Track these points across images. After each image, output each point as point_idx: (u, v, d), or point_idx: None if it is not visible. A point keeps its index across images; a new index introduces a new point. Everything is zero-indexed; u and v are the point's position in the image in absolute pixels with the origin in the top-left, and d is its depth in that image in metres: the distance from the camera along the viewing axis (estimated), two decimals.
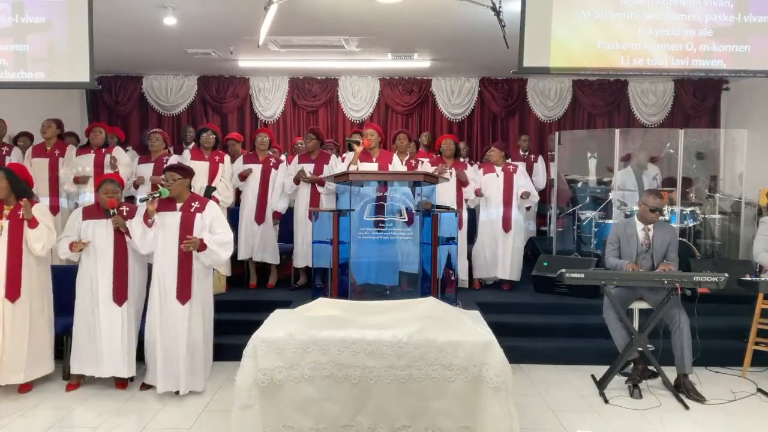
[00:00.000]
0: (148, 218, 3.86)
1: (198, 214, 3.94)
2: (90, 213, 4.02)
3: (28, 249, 3.92)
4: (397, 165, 5.29)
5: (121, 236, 3.95)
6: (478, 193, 5.78)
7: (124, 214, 3.99)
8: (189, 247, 3.83)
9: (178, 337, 3.85)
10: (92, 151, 5.54)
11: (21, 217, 3.90)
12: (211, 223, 3.94)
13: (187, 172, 4.07)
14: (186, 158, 5.49)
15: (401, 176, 4.60)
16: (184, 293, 3.87)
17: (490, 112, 8.28)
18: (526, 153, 7.28)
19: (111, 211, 3.90)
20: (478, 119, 8.27)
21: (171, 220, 3.92)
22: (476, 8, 4.47)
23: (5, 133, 5.74)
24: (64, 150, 5.59)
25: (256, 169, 5.65)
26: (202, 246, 3.84)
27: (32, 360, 3.91)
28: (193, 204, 3.98)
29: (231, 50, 6.73)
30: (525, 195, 5.72)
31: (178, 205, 3.97)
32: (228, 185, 5.51)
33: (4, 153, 5.56)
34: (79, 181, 5.44)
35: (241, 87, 8.17)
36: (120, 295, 3.92)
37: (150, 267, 4.07)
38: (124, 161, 5.55)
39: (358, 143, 4.91)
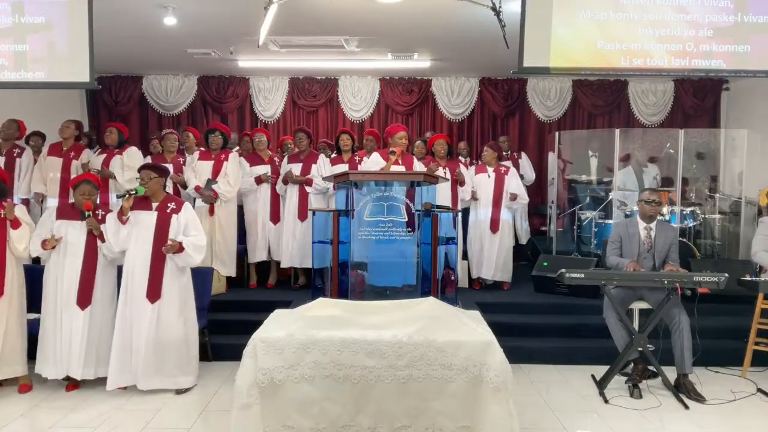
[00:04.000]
0: (122, 215, 3.87)
1: (174, 215, 3.95)
2: (64, 212, 4.00)
3: (11, 249, 3.91)
4: (418, 167, 5.26)
5: (93, 239, 3.94)
6: (474, 195, 5.76)
7: (99, 216, 3.98)
8: (169, 251, 3.84)
9: (141, 334, 3.84)
10: (105, 151, 5.54)
11: (2, 216, 3.89)
12: (186, 225, 3.96)
13: (163, 171, 4.10)
14: (194, 158, 5.54)
15: (401, 176, 4.60)
16: (153, 292, 3.88)
17: (490, 112, 8.27)
18: (508, 152, 7.29)
19: (86, 213, 3.89)
20: (478, 119, 8.26)
21: (146, 218, 3.94)
22: (476, 8, 4.47)
23: (18, 135, 5.68)
24: (79, 152, 5.56)
25: (266, 170, 5.70)
26: (179, 249, 3.86)
27: (6, 359, 3.89)
28: (169, 204, 3.99)
29: (231, 50, 6.73)
30: (513, 197, 5.72)
31: (154, 205, 3.98)
32: (231, 181, 5.47)
33: (15, 155, 5.52)
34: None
35: (241, 87, 8.16)
36: (84, 298, 3.90)
37: (120, 267, 4.06)
38: (131, 163, 5.45)
39: (394, 153, 4.87)
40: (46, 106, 6.62)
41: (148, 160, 5.68)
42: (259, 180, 5.63)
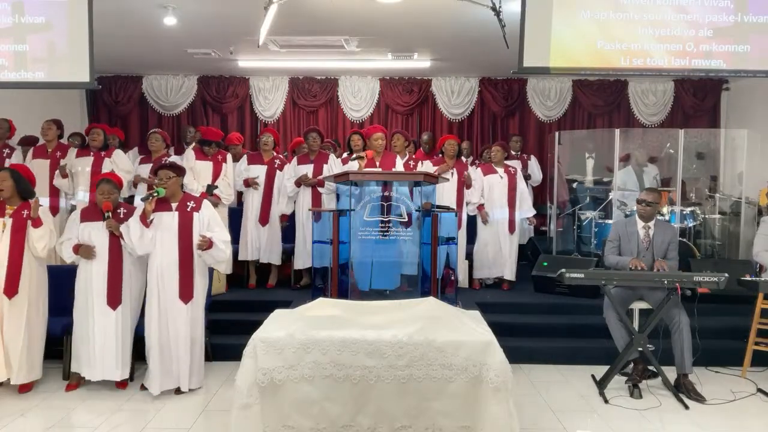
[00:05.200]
0: (146, 218, 3.84)
1: (195, 214, 3.94)
2: (87, 215, 4.01)
3: (30, 249, 3.93)
4: (399, 167, 5.28)
5: (116, 239, 3.93)
6: (483, 217, 5.76)
7: (121, 216, 3.97)
8: (202, 247, 3.84)
9: (179, 335, 3.85)
10: (91, 153, 5.42)
11: (25, 216, 3.91)
12: (208, 221, 3.96)
13: (180, 170, 4.06)
14: (190, 158, 5.49)
15: (401, 176, 4.60)
16: (186, 292, 3.88)
17: (490, 112, 8.27)
18: (518, 153, 7.31)
19: (106, 214, 3.88)
20: (478, 119, 8.27)
21: (168, 219, 3.91)
22: (476, 8, 4.47)
23: (9, 134, 5.66)
24: (65, 152, 5.52)
25: (261, 171, 5.70)
26: (210, 244, 3.86)
27: (25, 361, 3.89)
28: (188, 203, 3.97)
29: (231, 50, 6.73)
30: (531, 221, 6.05)
31: (174, 205, 3.96)
32: (230, 184, 5.52)
33: (5, 155, 5.49)
34: (64, 176, 5.34)
35: (241, 87, 8.17)
36: (114, 298, 3.90)
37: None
38: (124, 167, 5.43)
39: (362, 158, 4.87)
40: (46, 106, 6.62)
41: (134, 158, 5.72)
42: (246, 183, 5.64)
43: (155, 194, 3.86)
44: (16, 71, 4.49)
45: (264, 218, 5.67)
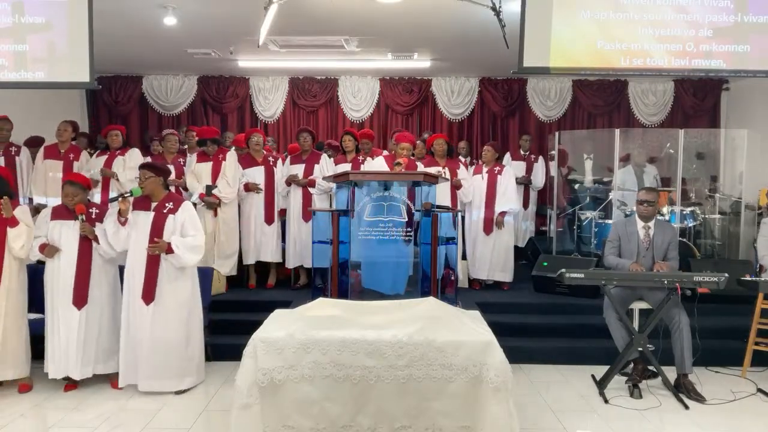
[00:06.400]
0: (120, 217, 3.85)
1: (170, 216, 3.88)
2: (58, 213, 3.99)
3: (9, 249, 3.89)
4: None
5: (86, 239, 3.91)
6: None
7: (93, 216, 3.96)
8: (155, 251, 3.80)
9: (143, 336, 3.84)
10: (106, 153, 5.59)
11: (2, 216, 3.88)
12: (183, 224, 3.88)
13: (161, 171, 4.01)
14: (191, 162, 5.55)
15: (401, 176, 4.60)
16: (148, 294, 3.84)
17: (490, 112, 8.28)
18: (527, 153, 7.30)
19: (80, 217, 3.86)
20: (478, 119, 8.27)
21: (143, 219, 3.89)
22: (476, 8, 4.47)
23: (8, 134, 5.68)
24: (78, 154, 5.55)
25: (259, 171, 5.68)
26: (169, 249, 3.80)
27: (4, 360, 3.85)
28: (167, 204, 3.92)
29: (231, 50, 6.74)
30: (501, 215, 5.62)
31: (153, 205, 3.93)
32: (230, 182, 5.48)
33: (13, 153, 5.47)
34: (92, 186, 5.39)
35: (241, 87, 8.17)
36: (80, 298, 3.88)
37: (122, 267, 4.05)
38: (136, 164, 5.41)
39: (400, 164, 4.82)
40: (46, 106, 6.61)
41: (147, 159, 5.69)
42: (246, 188, 5.62)
43: (127, 194, 3.87)
44: (16, 71, 4.49)
45: (269, 217, 5.67)
